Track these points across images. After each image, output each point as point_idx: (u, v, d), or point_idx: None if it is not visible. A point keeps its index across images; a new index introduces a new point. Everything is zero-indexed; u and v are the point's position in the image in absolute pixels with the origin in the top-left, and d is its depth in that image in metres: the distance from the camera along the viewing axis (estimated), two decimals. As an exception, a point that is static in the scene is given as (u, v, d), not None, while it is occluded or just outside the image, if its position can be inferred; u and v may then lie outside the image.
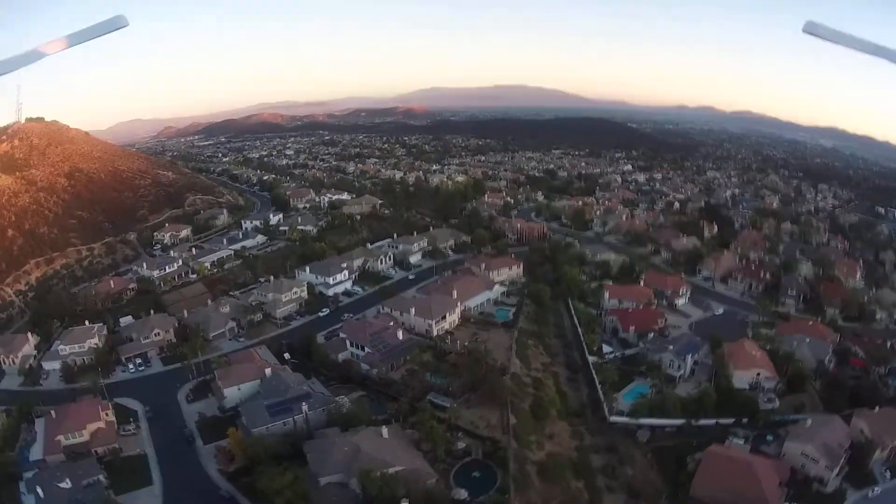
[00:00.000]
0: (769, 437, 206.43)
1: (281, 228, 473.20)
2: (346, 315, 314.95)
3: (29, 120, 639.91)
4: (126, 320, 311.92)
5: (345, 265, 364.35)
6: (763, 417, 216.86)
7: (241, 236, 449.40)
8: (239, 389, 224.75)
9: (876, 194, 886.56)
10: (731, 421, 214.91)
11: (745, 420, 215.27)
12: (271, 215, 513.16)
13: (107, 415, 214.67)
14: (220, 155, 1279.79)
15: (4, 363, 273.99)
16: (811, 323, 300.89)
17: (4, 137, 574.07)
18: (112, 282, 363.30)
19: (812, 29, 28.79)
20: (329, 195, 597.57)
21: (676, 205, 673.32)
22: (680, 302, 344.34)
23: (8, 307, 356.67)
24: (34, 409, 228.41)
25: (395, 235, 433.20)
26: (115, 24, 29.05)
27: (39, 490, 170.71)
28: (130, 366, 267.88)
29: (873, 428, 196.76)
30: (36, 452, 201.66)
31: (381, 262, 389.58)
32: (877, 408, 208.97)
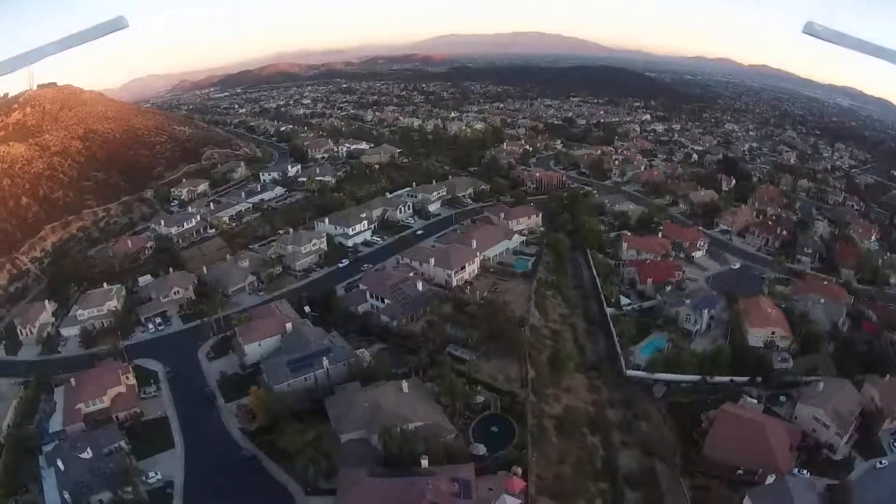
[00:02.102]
0: (782, 398, 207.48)
1: (299, 180, 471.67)
2: (365, 265, 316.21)
3: (41, 86, 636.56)
4: (145, 279, 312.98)
5: (364, 215, 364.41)
6: (777, 377, 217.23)
7: (259, 189, 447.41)
8: (260, 346, 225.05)
9: (892, 157, 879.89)
10: (745, 379, 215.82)
11: (758, 379, 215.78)
12: (289, 167, 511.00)
13: (127, 378, 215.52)
14: (236, 106, 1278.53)
15: (22, 333, 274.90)
16: (826, 283, 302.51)
17: (16, 106, 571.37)
18: (129, 241, 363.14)
19: (811, 30, 28.92)
20: (347, 145, 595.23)
21: (695, 156, 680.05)
22: (697, 255, 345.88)
23: (23, 276, 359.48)
24: (53, 378, 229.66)
25: (413, 184, 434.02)
26: (115, 26, 29.21)
27: (60, 463, 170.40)
28: (150, 326, 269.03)
29: (884, 396, 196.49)
30: (56, 423, 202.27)
31: (401, 212, 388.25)
32: (888, 376, 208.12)
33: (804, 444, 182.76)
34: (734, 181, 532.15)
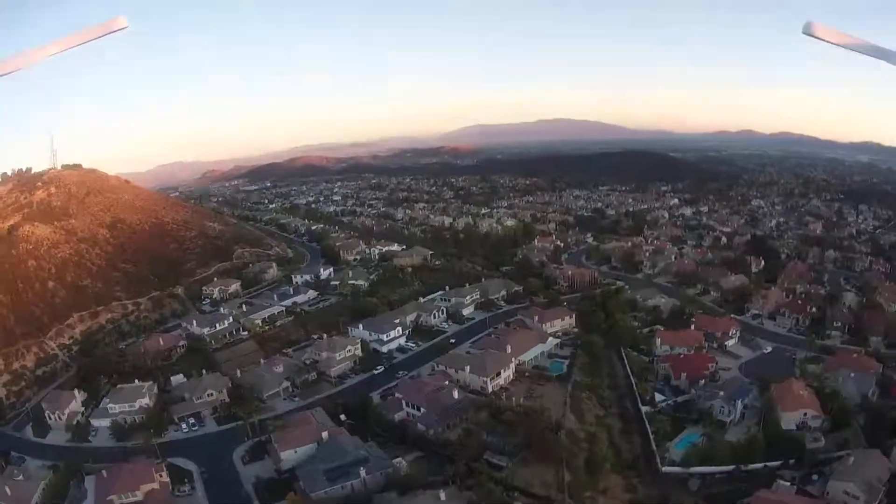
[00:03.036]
0: (815, 476, 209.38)
1: (332, 283, 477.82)
2: (400, 372, 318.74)
3: (65, 167, 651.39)
4: (177, 379, 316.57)
5: (398, 320, 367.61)
6: (809, 457, 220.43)
7: (291, 291, 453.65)
8: (296, 452, 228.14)
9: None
10: (778, 463, 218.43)
11: (792, 461, 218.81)
12: (321, 269, 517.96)
13: (161, 476, 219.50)
14: (265, 201, 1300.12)
15: (51, 419, 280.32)
16: (855, 356, 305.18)
17: (40, 184, 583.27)
18: (161, 339, 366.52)
19: (810, 30, 30.25)
20: (379, 247, 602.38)
21: (724, 239, 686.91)
22: (730, 343, 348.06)
23: (52, 360, 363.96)
24: (84, 467, 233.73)
25: (446, 287, 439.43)
26: (114, 26, 30.02)
27: None
28: (183, 426, 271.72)
29: None
30: None
31: (434, 317, 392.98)
32: None
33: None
34: (763, 262, 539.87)
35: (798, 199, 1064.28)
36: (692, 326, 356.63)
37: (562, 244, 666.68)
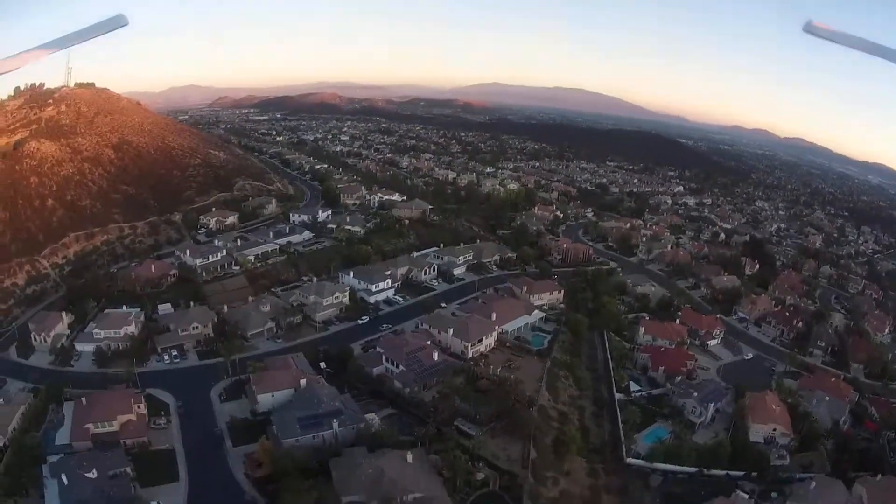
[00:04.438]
0: (774, 494, 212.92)
1: (328, 226, 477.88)
2: (384, 325, 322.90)
3: (79, 85, 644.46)
4: (164, 308, 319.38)
5: (388, 272, 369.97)
6: (771, 474, 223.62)
7: (287, 230, 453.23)
8: (272, 396, 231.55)
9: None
10: (741, 474, 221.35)
11: (754, 474, 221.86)
12: (320, 211, 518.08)
13: (138, 407, 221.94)
14: (274, 133, 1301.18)
15: (36, 339, 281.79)
16: (833, 380, 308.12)
17: (51, 101, 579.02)
18: (153, 266, 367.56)
19: (811, 29, 30.57)
20: (379, 195, 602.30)
21: (722, 235, 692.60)
22: (712, 343, 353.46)
23: (42, 279, 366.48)
24: (64, 392, 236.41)
25: (441, 245, 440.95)
26: (115, 24, 30.79)
27: (64, 477, 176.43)
28: (165, 356, 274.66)
29: (871, 497, 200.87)
30: (62, 437, 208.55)
31: (425, 273, 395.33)
32: (879, 476, 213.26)
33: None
34: (758, 265, 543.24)
35: (802, 207, 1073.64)
36: (678, 320, 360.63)
37: (561, 215, 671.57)
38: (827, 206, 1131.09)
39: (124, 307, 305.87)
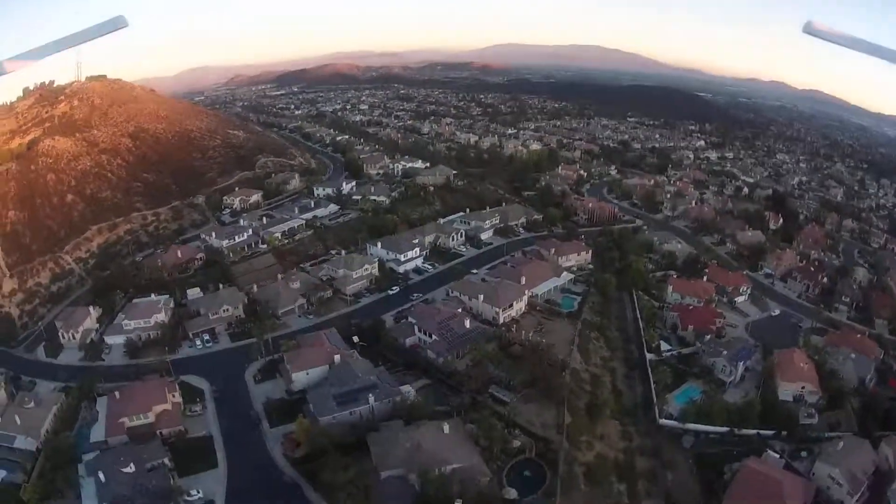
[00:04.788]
0: (803, 453, 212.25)
1: (353, 198, 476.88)
2: (415, 294, 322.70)
3: (90, 78, 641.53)
4: (193, 293, 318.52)
5: (416, 241, 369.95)
6: (801, 432, 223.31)
7: (312, 205, 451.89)
8: (307, 374, 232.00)
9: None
10: (771, 433, 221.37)
11: (784, 433, 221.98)
12: (343, 183, 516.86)
13: (173, 396, 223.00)
14: (292, 107, 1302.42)
15: (64, 337, 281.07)
16: (859, 336, 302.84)
17: (63, 98, 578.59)
18: (179, 251, 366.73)
19: (810, 29, 30.95)
20: (402, 163, 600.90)
21: (745, 189, 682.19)
22: (740, 299, 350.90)
23: (67, 276, 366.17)
24: (97, 388, 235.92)
25: (467, 210, 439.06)
26: (115, 25, 30.97)
27: (101, 475, 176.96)
28: (198, 342, 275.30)
29: None
30: (97, 433, 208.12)
31: (453, 239, 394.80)
32: None
33: (817, 501, 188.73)
34: (781, 220, 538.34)
35: (822, 160, 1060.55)
36: (705, 277, 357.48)
37: (585, 174, 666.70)
38: (846, 159, 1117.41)
39: (153, 295, 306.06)
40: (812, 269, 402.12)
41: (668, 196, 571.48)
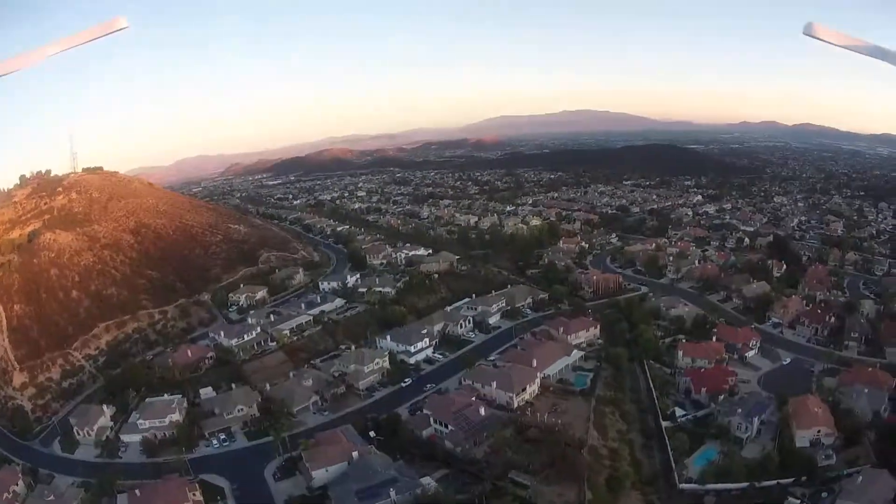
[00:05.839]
0: (824, 494, 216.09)
1: (359, 290, 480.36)
2: (428, 385, 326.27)
3: (86, 170, 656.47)
4: (206, 392, 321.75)
5: (425, 331, 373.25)
6: (820, 475, 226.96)
7: (318, 300, 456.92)
8: (327, 471, 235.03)
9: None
10: (791, 480, 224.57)
11: (803, 478, 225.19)
12: (348, 275, 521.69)
13: (194, 495, 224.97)
14: (290, 197, 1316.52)
15: (79, 434, 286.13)
16: (870, 370, 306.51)
17: (61, 189, 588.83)
18: (189, 350, 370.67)
19: (810, 31, 31.10)
20: (405, 251, 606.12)
21: (746, 240, 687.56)
22: (750, 354, 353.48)
23: (78, 372, 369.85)
24: (117, 485, 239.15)
25: (473, 295, 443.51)
26: (114, 26, 30.36)
27: None
28: (214, 441, 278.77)
29: None
30: None
31: (461, 326, 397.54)
32: None
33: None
34: (784, 266, 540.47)
35: (820, 195, 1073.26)
36: (714, 338, 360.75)
37: (587, 245, 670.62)
38: (843, 189, 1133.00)
39: (165, 395, 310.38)
40: (819, 311, 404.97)
41: (671, 259, 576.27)
